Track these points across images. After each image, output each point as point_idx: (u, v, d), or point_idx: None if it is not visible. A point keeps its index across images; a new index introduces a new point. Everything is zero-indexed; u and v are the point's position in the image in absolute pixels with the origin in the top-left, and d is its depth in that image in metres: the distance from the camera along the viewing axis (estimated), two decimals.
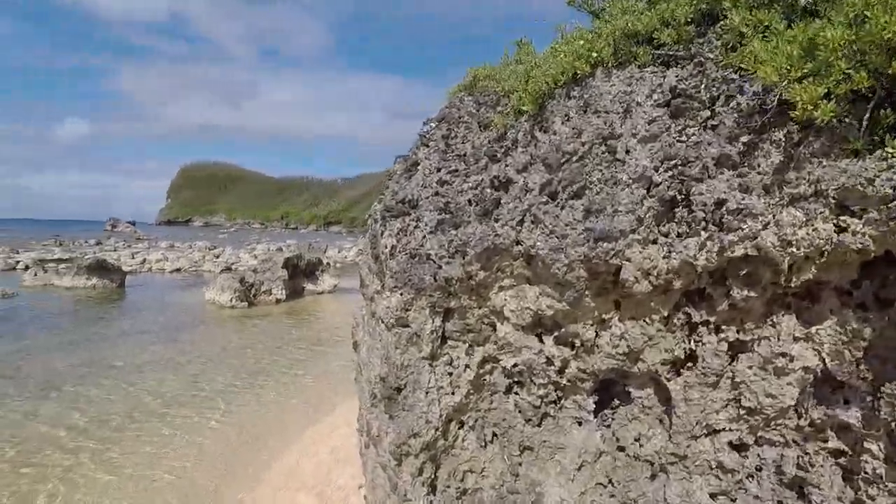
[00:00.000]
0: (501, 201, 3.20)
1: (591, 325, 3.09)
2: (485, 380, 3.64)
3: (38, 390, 10.34)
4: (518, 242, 3.07)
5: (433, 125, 4.38)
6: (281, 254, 24.89)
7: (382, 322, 3.77)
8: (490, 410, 3.73)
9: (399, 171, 5.62)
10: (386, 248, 3.73)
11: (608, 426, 3.43)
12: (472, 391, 3.63)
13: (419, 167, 4.14)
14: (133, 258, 39.08)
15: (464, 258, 3.31)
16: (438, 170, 3.87)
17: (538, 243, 2.96)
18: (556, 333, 3.27)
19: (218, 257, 41.59)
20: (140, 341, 14.43)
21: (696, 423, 2.80)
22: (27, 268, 27.24)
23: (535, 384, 3.43)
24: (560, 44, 3.65)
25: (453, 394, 3.63)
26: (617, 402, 3.41)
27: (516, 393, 3.59)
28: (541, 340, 3.34)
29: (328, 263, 27.66)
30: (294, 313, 19.82)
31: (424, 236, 3.54)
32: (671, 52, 2.84)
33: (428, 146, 4.25)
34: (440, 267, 3.36)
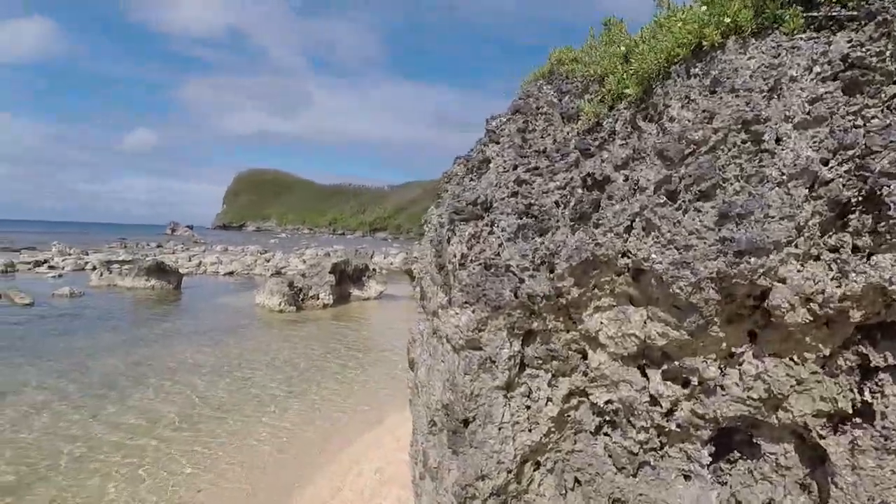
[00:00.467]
0: (601, 204, 2.64)
1: (715, 360, 2.46)
2: (569, 416, 3.06)
3: (98, 389, 10.47)
4: (624, 254, 2.50)
5: (504, 119, 3.86)
6: (329, 259, 24.97)
7: (448, 342, 3.27)
8: (573, 453, 3.14)
9: (461, 173, 5.09)
10: (454, 256, 3.23)
11: (723, 483, 2.78)
12: (553, 429, 3.06)
13: (490, 165, 3.63)
14: (190, 261, 40.47)
15: (552, 271, 2.77)
16: (515, 167, 3.35)
17: (653, 255, 2.37)
18: (665, 367, 2.66)
19: (268, 261, 42.51)
20: (193, 343, 14.56)
21: (868, 500, 2.12)
22: (94, 268, 28.51)
23: (633, 426, 2.83)
24: (666, 17, 3.06)
25: (531, 431, 3.07)
26: (737, 453, 2.76)
27: (607, 434, 2.99)
28: (644, 375, 2.74)
29: (374, 269, 27.58)
30: (341, 319, 19.69)
31: (501, 244, 3.02)
32: (834, 14, 2.21)
33: (499, 142, 3.73)
34: (522, 281, 2.82)
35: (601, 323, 2.73)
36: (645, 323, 2.58)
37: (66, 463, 7.48)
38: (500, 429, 3.03)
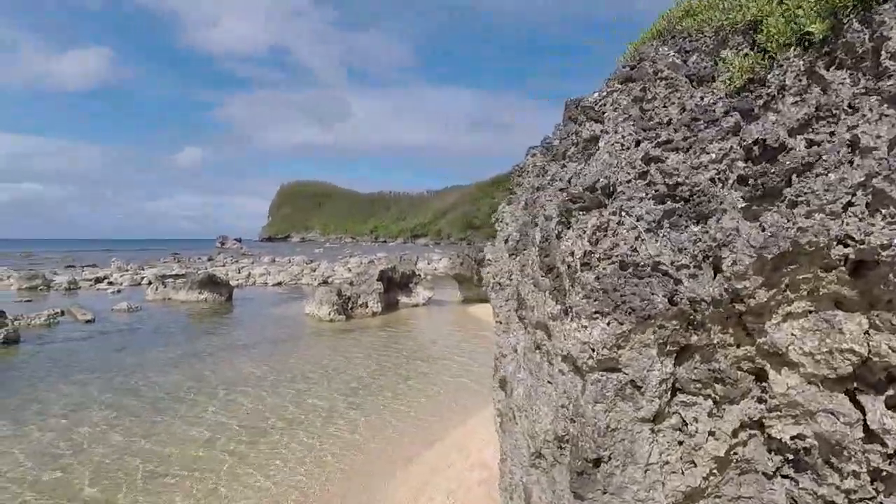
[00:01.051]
0: (793, 177, 1.97)
1: None
2: (736, 454, 2.40)
3: (165, 403, 10.42)
4: (841, 241, 1.83)
5: (608, 91, 3.23)
6: (376, 266, 24.75)
7: (568, 360, 2.66)
8: (739, 500, 2.47)
9: (540, 163, 4.54)
10: (571, 255, 2.62)
11: None
12: (715, 470, 2.40)
13: (600, 144, 3.01)
14: (239, 273, 41.37)
15: (717, 269, 2.13)
16: (637, 143, 2.71)
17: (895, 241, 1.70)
18: (890, 393, 1.97)
19: (315, 271, 42.98)
20: (250, 356, 14.46)
21: None
22: (150, 283, 29.35)
23: (835, 469, 2.14)
24: None
25: (685, 473, 2.42)
26: None
27: (792, 479, 2.30)
28: (855, 402, 2.05)
29: (421, 275, 27.18)
30: (391, 327, 19.34)
31: (639, 236, 2.39)
32: None
33: (603, 120, 3.11)
34: (679, 282, 2.18)
35: (793, 335, 2.05)
36: (867, 333, 1.89)
37: (142, 479, 7.32)
38: (646, 471, 2.39)
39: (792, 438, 2.23)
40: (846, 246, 1.84)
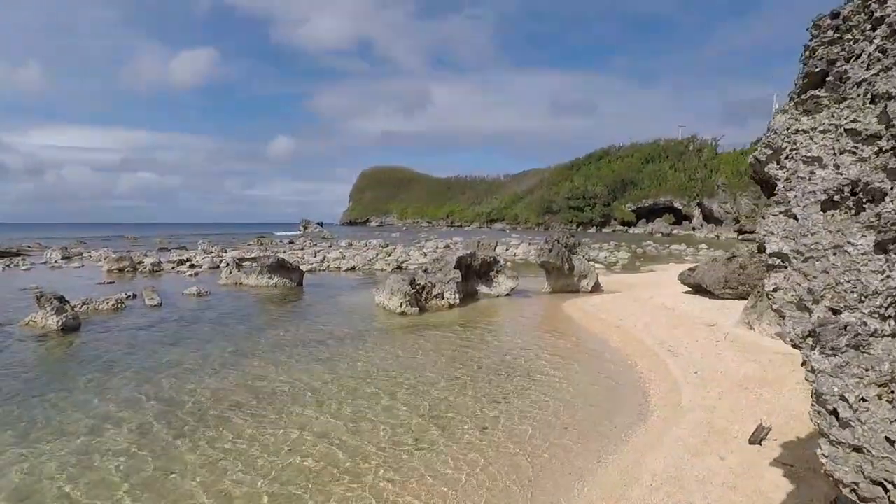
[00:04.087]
0: None
1: None
2: None
3: (209, 410, 8.51)
4: None
5: None
6: (453, 252, 22.18)
7: None
8: None
9: None
10: None
11: None
12: None
13: None
14: (315, 256, 40.65)
15: None
16: None
17: None
18: None
19: (389, 255, 41.40)
20: (301, 363, 12.39)
21: None
22: (227, 266, 28.82)
23: None
24: None
25: None
26: None
27: None
28: None
29: (503, 263, 24.31)
30: (472, 324, 16.67)
31: None
32: None
33: None
34: None
35: None
36: None
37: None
38: None
39: None
40: None
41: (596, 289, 23.26)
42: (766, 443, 7.04)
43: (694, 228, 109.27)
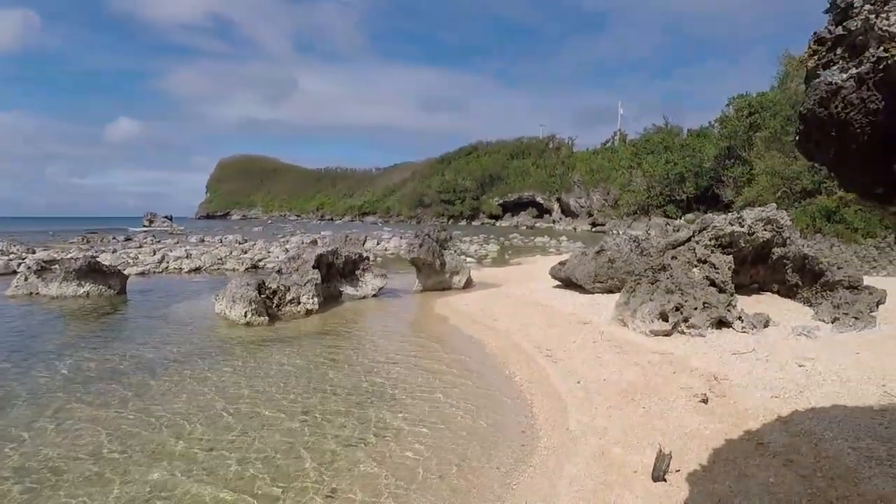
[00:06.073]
0: None
1: None
2: None
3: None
4: None
5: None
6: (313, 249, 19.57)
7: None
8: None
9: None
10: None
11: None
12: None
13: None
14: (154, 255, 34.79)
15: None
16: None
17: None
18: None
19: (246, 252, 36.96)
20: (95, 404, 9.22)
21: None
22: (25, 271, 22.82)
23: None
24: None
25: None
26: None
27: None
28: None
29: (370, 259, 22.25)
30: (332, 333, 14.39)
31: None
32: None
33: None
34: None
35: None
36: None
37: None
38: None
39: None
40: None
41: (469, 285, 22.24)
42: (670, 476, 5.94)
43: (554, 221, 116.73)
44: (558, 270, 18.99)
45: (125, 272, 22.33)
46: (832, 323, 11.45)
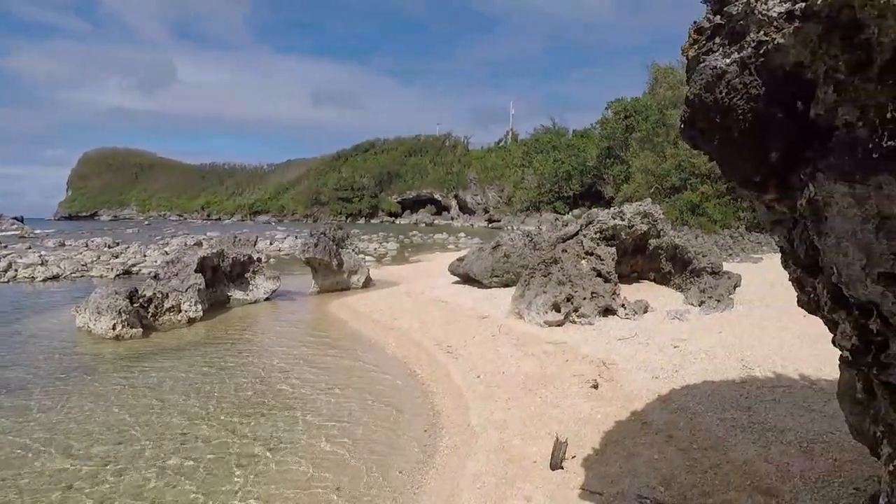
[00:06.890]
0: None
1: None
2: None
3: None
4: None
5: None
6: (195, 252, 17.95)
7: None
8: None
9: None
10: None
11: None
12: None
13: None
14: None
15: None
16: None
17: None
18: None
19: (117, 257, 33.18)
20: None
21: None
22: None
23: None
24: None
25: None
26: None
27: None
28: None
29: (260, 260, 20.97)
30: (218, 342, 13.27)
31: None
32: None
33: None
34: None
35: None
36: None
37: None
38: None
39: None
40: None
41: (368, 284, 21.79)
42: (566, 463, 6.12)
43: (452, 218, 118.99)
44: (457, 267, 19.21)
45: None
46: (699, 306, 12.71)
